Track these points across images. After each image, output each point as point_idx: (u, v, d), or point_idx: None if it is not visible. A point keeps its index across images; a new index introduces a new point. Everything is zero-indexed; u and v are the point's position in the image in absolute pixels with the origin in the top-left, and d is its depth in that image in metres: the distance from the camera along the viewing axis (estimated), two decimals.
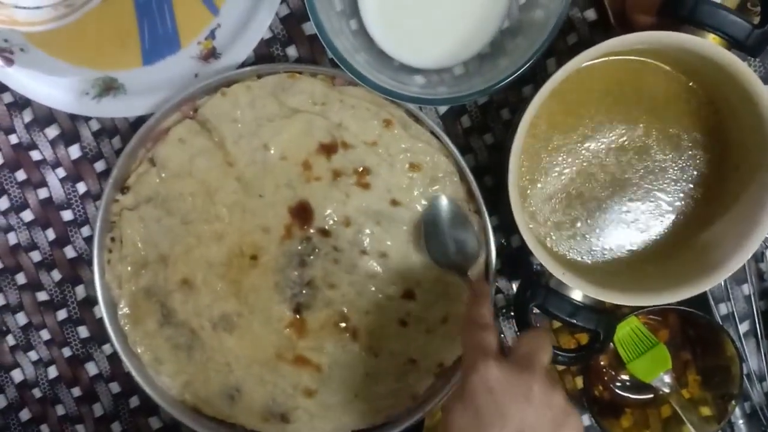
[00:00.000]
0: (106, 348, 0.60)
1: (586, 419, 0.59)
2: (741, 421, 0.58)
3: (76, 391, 0.60)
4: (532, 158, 0.51)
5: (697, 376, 0.58)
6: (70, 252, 0.59)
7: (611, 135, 0.51)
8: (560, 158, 0.52)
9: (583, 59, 0.45)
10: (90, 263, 0.55)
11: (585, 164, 0.52)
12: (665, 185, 0.52)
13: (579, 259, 0.52)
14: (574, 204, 0.52)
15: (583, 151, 0.52)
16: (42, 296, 0.59)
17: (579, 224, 0.52)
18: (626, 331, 0.56)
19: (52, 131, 0.57)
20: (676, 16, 0.45)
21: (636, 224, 0.52)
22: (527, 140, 0.51)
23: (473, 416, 0.40)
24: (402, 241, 0.53)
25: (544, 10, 0.48)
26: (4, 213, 0.58)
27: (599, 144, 0.51)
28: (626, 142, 0.51)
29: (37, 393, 0.60)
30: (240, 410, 0.55)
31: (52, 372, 0.60)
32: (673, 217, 0.52)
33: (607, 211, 0.52)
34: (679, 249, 0.52)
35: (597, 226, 0.52)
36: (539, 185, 0.52)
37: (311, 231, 0.53)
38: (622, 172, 0.52)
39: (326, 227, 0.53)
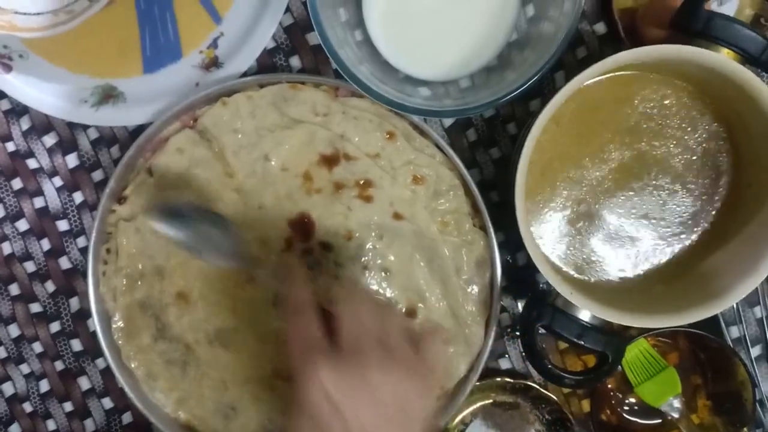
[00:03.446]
0: (100, 362, 0.58)
1: None
2: None
3: (68, 406, 0.59)
4: (538, 174, 0.50)
5: (707, 401, 0.57)
6: (65, 263, 0.58)
7: (620, 152, 0.50)
8: (567, 175, 0.50)
9: (593, 73, 0.44)
10: (85, 275, 0.54)
11: (593, 182, 0.50)
12: (676, 204, 0.51)
13: (586, 278, 0.51)
14: (582, 221, 0.51)
15: (591, 169, 0.50)
16: (35, 308, 0.58)
17: (586, 242, 0.51)
18: (635, 353, 0.54)
19: (50, 139, 0.56)
20: (688, 29, 0.44)
21: (646, 243, 0.51)
22: (534, 155, 0.50)
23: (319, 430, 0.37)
24: (405, 256, 0.52)
25: (552, 23, 0.47)
26: None
27: (608, 161, 0.50)
28: (636, 159, 0.50)
29: (27, 407, 0.59)
30: (235, 429, 0.53)
31: (44, 386, 0.59)
32: (684, 237, 0.51)
33: (616, 229, 0.51)
34: (691, 270, 0.50)
35: (605, 245, 0.51)
36: (546, 202, 0.50)
37: (312, 244, 0.52)
38: (630, 189, 0.50)
39: (327, 241, 0.52)
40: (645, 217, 0.51)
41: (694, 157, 0.50)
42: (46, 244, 0.58)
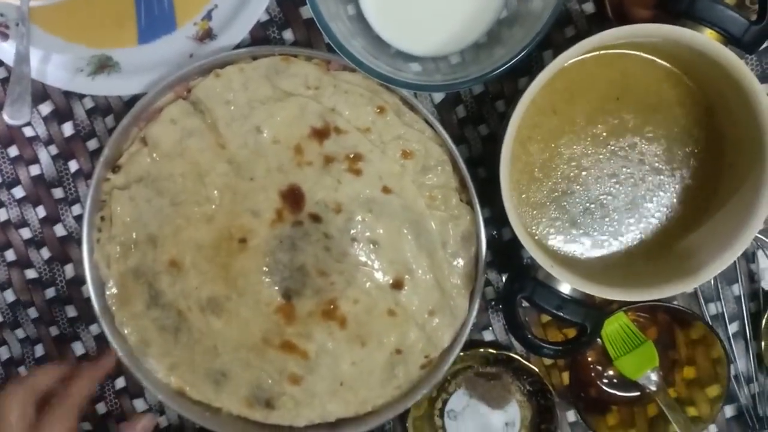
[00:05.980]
0: (93, 328, 0.59)
1: (572, 415, 0.59)
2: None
3: None
4: (524, 151, 0.51)
5: (684, 375, 0.58)
6: (60, 230, 0.59)
7: (604, 130, 0.51)
8: (553, 152, 0.51)
9: (578, 51, 0.45)
10: (79, 242, 0.55)
11: (577, 158, 0.51)
12: (659, 182, 0.52)
13: (569, 253, 0.52)
14: (566, 198, 0.52)
15: (576, 146, 0.51)
16: (31, 274, 0.59)
17: (570, 218, 0.52)
18: (614, 327, 0.56)
19: (46, 108, 0.57)
20: (673, 10, 0.45)
21: (627, 220, 0.52)
22: (520, 132, 0.51)
23: None
24: (393, 229, 0.53)
25: (541, 1, 0.48)
26: None
27: (592, 139, 0.51)
28: (619, 138, 0.51)
29: (23, 371, 0.60)
30: (225, 395, 0.55)
31: (39, 350, 0.60)
32: (666, 213, 0.52)
33: (598, 206, 0.52)
34: (671, 246, 0.51)
35: (588, 221, 0.52)
36: (531, 178, 0.51)
37: (302, 216, 0.53)
38: (615, 168, 0.51)
39: (317, 213, 0.53)
40: (628, 194, 0.52)
41: (677, 137, 0.51)
42: (41, 211, 0.59)
